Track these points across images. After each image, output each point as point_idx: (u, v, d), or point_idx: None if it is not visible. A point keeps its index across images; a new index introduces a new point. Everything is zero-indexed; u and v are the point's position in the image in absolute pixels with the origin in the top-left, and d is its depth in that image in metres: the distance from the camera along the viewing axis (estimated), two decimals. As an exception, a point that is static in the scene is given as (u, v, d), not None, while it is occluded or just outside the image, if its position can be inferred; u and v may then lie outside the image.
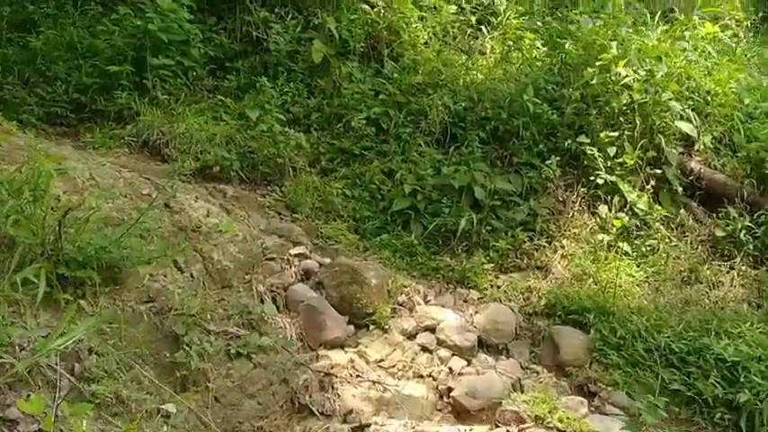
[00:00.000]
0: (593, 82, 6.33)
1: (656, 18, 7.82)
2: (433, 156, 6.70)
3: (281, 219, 6.13)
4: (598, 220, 6.08)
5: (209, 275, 4.64)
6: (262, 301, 4.86)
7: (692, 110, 6.39)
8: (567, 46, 7.07)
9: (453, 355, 4.96)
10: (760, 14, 10.36)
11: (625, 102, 6.35)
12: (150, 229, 4.56)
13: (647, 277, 5.63)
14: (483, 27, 8.27)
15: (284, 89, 7.19)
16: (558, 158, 6.34)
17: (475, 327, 5.17)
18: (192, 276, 4.52)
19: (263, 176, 6.55)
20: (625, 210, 5.98)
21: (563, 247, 5.99)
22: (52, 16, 8.22)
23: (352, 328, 5.02)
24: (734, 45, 7.53)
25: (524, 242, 6.00)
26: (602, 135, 6.21)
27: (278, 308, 4.93)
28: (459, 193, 6.29)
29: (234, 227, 4.27)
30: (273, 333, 4.42)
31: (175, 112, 6.82)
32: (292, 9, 7.84)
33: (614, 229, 5.81)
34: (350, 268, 5.19)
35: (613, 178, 6.10)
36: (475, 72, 7.30)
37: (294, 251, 5.51)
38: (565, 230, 6.09)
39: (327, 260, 5.60)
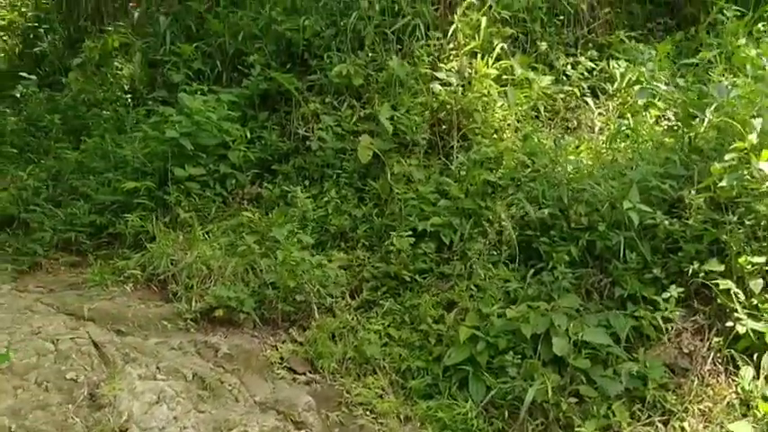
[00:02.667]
0: (723, 183, 4.33)
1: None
2: (503, 282, 5.00)
3: (294, 380, 4.70)
4: (739, 390, 4.04)
5: None
6: None
7: None
8: (703, 124, 5.10)
9: None
10: None
11: (777, 208, 4.29)
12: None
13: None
14: (589, 100, 6.48)
15: (324, 198, 5.83)
16: (680, 290, 4.40)
17: None
18: None
19: (284, 317, 5.18)
20: (783, 377, 3.90)
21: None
22: (107, 120, 7.59)
23: None
24: None
25: (625, 424, 4.09)
26: (740, 260, 4.18)
27: None
28: (534, 342, 4.53)
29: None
30: None
31: (197, 233, 5.67)
32: (349, 96, 6.51)
33: (761, 412, 3.75)
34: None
35: (761, 327, 4.05)
36: (566, 164, 5.49)
37: (287, 441, 4.05)
38: (689, 404, 4.10)
39: (337, 453, 4.10)
